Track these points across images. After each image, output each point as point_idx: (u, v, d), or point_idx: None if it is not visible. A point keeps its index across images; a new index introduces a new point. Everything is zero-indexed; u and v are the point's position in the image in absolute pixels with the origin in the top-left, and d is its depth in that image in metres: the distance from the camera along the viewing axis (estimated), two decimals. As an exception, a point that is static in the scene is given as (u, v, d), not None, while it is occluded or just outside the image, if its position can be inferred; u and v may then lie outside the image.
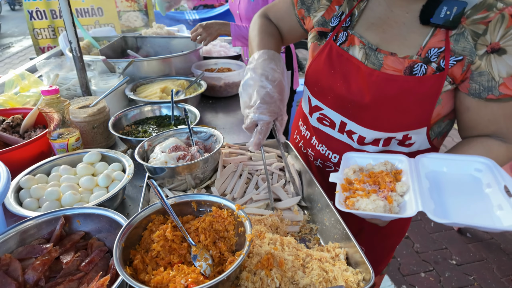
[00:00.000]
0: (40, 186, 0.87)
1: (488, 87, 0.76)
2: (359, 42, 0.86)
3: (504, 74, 0.73)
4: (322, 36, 0.96)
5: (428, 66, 0.78)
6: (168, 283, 0.57)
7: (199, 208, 0.76)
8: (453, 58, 0.76)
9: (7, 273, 0.66)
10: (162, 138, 1.04)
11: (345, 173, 0.78)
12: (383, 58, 0.83)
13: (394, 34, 0.82)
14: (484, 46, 0.73)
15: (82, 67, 1.35)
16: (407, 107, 0.81)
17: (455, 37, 0.75)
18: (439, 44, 0.77)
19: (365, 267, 0.67)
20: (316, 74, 0.96)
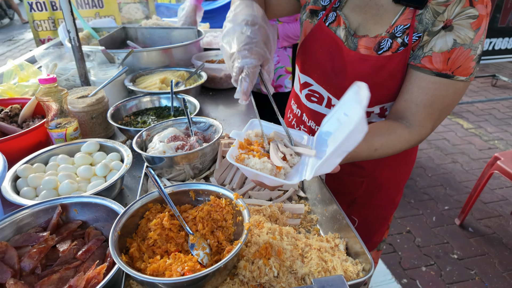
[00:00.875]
0: (37, 175, 0.87)
1: (415, 55, 0.81)
2: (343, 23, 0.90)
3: (437, 49, 0.77)
4: (313, 14, 0.98)
5: (394, 41, 0.83)
6: (164, 271, 0.56)
7: (197, 197, 0.75)
8: (415, 34, 0.81)
9: (3, 261, 0.65)
10: (160, 128, 1.03)
11: (247, 134, 0.78)
12: (358, 41, 0.88)
13: (373, 15, 0.87)
14: (441, 22, 0.76)
15: (81, 57, 1.34)
16: (381, 83, 0.86)
17: (420, 16, 0.79)
18: (405, 21, 0.81)
19: (365, 257, 0.67)
20: (307, 51, 1.00)
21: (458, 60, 0.76)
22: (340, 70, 0.92)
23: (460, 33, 0.75)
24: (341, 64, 0.91)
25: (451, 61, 0.77)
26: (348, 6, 0.91)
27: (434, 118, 0.84)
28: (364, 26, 0.88)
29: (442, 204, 2.66)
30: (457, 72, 0.78)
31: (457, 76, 0.78)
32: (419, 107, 0.82)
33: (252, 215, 0.78)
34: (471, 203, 2.32)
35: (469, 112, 4.20)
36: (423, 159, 3.25)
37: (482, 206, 2.62)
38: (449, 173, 3.04)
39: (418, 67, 0.81)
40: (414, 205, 2.65)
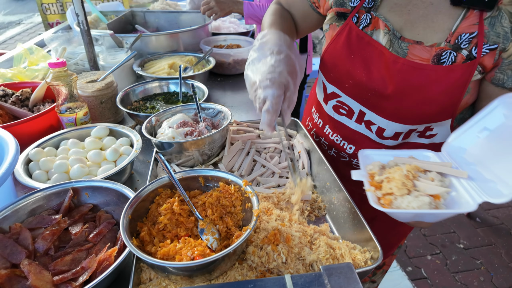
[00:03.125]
0: (49, 159, 0.88)
1: (501, 79, 0.67)
2: (384, 26, 0.78)
3: None
4: (341, 17, 0.86)
5: (458, 53, 0.70)
6: (174, 255, 0.57)
7: (207, 183, 0.75)
8: (486, 46, 0.67)
9: (18, 242, 0.67)
10: (169, 114, 1.03)
11: (368, 170, 0.68)
12: (408, 47, 0.75)
13: (420, 16, 0.74)
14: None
15: (89, 41, 1.33)
16: (433, 97, 0.74)
17: (490, 20, 0.65)
18: (471, 28, 0.67)
19: (373, 245, 0.66)
20: (333, 59, 0.89)
21: None
22: (380, 80, 0.80)
23: None
24: (383, 73, 0.79)
25: None
26: (385, 5, 0.79)
27: None
28: (410, 30, 0.75)
29: (450, 194, 2.64)
30: None
31: None
32: None
33: (260, 202, 0.79)
34: (480, 193, 2.29)
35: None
36: (432, 149, 3.21)
37: (491, 197, 2.59)
38: (458, 163, 3.00)
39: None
40: (422, 195, 2.64)
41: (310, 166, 0.96)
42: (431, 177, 0.63)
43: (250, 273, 0.62)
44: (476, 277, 1.97)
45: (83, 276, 0.63)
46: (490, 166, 0.60)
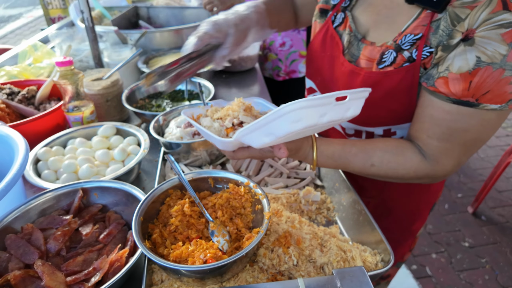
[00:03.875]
0: (57, 159, 0.88)
1: (428, 74, 0.65)
2: (348, 27, 0.77)
3: (455, 68, 0.59)
4: (323, 14, 0.87)
5: (399, 54, 0.67)
6: (187, 258, 0.57)
7: (216, 184, 0.75)
8: (427, 48, 0.64)
9: (30, 242, 0.67)
10: (177, 113, 1.02)
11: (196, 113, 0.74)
12: (363, 48, 0.74)
13: (386, 16, 0.72)
14: (460, 33, 0.58)
15: (94, 38, 1.32)
16: (377, 102, 0.71)
17: (437, 23, 0.62)
18: (418, 29, 0.65)
19: (383, 247, 0.66)
20: (311, 55, 0.90)
21: (484, 84, 0.58)
22: (336, 81, 0.82)
23: (487, 48, 0.56)
24: (337, 74, 0.80)
25: (475, 86, 0.58)
26: (360, 5, 0.78)
27: (455, 155, 0.67)
28: (375, 31, 0.74)
29: (455, 192, 2.63)
30: (484, 99, 0.59)
31: (484, 105, 0.59)
32: (432, 140, 0.67)
33: (270, 203, 0.78)
34: (485, 191, 2.29)
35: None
36: (436, 145, 3.19)
37: (497, 195, 2.58)
38: (463, 160, 2.99)
39: (431, 90, 0.64)
40: (426, 192, 2.63)
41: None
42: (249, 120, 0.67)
43: (261, 275, 0.62)
44: (481, 275, 1.97)
45: (95, 277, 0.63)
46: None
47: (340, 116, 0.58)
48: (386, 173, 0.72)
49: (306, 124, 0.54)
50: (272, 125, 0.55)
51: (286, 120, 0.53)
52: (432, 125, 0.66)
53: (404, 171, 0.70)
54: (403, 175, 0.71)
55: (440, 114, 0.64)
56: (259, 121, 0.55)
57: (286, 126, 0.53)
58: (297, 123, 0.53)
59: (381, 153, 0.70)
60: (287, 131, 0.54)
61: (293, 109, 0.52)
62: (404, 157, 0.70)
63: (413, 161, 0.70)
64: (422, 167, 0.69)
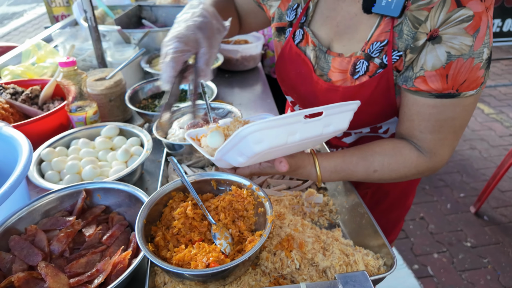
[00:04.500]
0: (61, 159, 0.88)
1: (405, 76, 0.68)
2: (311, 42, 0.78)
3: (429, 66, 0.63)
4: (281, 32, 0.86)
5: (370, 62, 0.70)
6: (189, 261, 0.57)
7: (219, 186, 0.75)
8: (395, 52, 0.67)
9: (34, 244, 0.68)
10: (179, 114, 1.02)
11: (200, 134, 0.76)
12: (331, 60, 0.76)
13: (347, 27, 0.73)
14: (424, 34, 0.62)
15: (97, 38, 1.32)
16: (360, 109, 0.70)
17: (400, 27, 0.65)
18: (382, 36, 0.67)
19: (386, 251, 0.66)
20: (281, 73, 0.90)
21: (460, 75, 0.62)
22: (313, 97, 0.83)
23: (454, 42, 0.60)
24: (313, 91, 0.81)
25: (452, 78, 0.63)
26: (316, 19, 0.78)
27: (448, 142, 0.71)
28: (339, 42, 0.75)
29: (457, 191, 2.62)
30: (462, 88, 0.64)
31: (464, 93, 0.64)
32: (425, 134, 0.70)
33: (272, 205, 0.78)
34: (488, 191, 2.28)
35: (491, 97, 4.04)
36: (439, 145, 3.17)
37: (499, 195, 2.57)
38: (466, 159, 2.97)
39: (412, 91, 0.68)
40: (429, 192, 2.63)
41: (321, 167, 0.95)
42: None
43: (263, 278, 0.62)
44: (482, 275, 1.97)
45: (98, 279, 0.63)
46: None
47: (318, 133, 0.59)
48: (389, 175, 0.74)
49: (271, 144, 0.55)
50: (240, 146, 0.57)
51: (248, 141, 0.54)
52: (421, 120, 0.70)
53: (406, 169, 0.73)
54: (405, 173, 0.74)
55: (427, 110, 0.68)
56: (227, 143, 0.58)
57: (251, 147, 0.55)
58: (260, 144, 0.54)
59: (381, 157, 0.73)
60: (254, 151, 0.55)
61: (250, 131, 0.53)
62: (403, 156, 0.73)
63: (412, 158, 0.73)
64: (421, 161, 0.73)
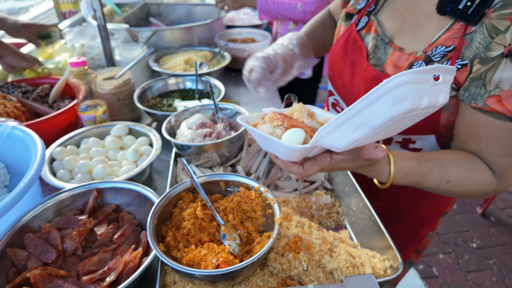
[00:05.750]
0: (72, 158, 0.90)
1: (474, 94, 0.63)
2: (374, 30, 0.77)
3: (507, 85, 0.58)
4: (348, 18, 0.87)
5: (428, 65, 0.66)
6: (199, 261, 0.59)
7: (227, 187, 0.76)
8: (459, 61, 0.63)
9: (47, 241, 0.70)
10: (188, 114, 1.03)
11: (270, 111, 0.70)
12: (390, 52, 0.73)
13: (413, 24, 0.71)
14: (502, 46, 0.57)
15: (106, 37, 1.33)
16: None
17: (472, 36, 0.61)
18: (450, 41, 0.64)
19: (392, 253, 0.67)
20: (333, 58, 0.91)
21: None
22: (357, 85, 0.81)
23: None
24: (358, 79, 0.80)
25: None
26: (385, 10, 0.77)
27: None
28: (401, 38, 0.73)
29: (463, 191, 2.61)
30: None
31: None
32: (495, 158, 0.66)
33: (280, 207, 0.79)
34: (495, 192, 2.26)
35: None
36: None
37: (507, 196, 2.55)
38: (472, 159, 2.95)
39: (485, 110, 0.62)
40: (434, 191, 2.62)
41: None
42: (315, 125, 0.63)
43: (271, 279, 0.63)
44: (488, 277, 1.97)
45: (110, 277, 0.65)
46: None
47: (434, 102, 0.48)
48: (459, 190, 0.69)
49: (410, 105, 0.43)
50: (366, 113, 0.46)
51: (387, 101, 0.43)
52: (491, 143, 0.65)
53: (477, 187, 0.68)
54: (475, 191, 0.69)
55: (499, 133, 0.63)
56: (346, 112, 0.47)
57: (387, 109, 0.44)
58: (400, 104, 0.43)
59: (457, 169, 0.68)
60: (389, 116, 0.44)
61: (398, 84, 0.42)
62: (478, 172, 0.67)
63: (485, 177, 0.68)
64: (493, 182, 0.68)
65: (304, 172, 0.62)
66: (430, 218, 1.00)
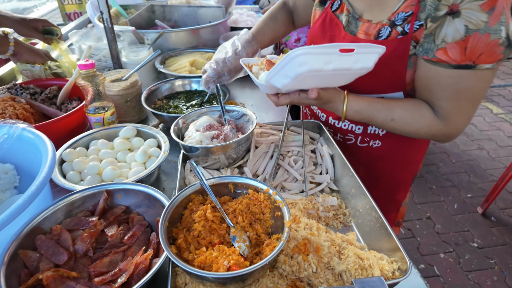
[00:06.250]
0: (81, 160, 0.91)
1: (426, 48, 0.77)
2: (346, 9, 0.92)
3: (450, 38, 0.72)
4: (322, 3, 1.02)
5: (393, 29, 0.81)
6: (211, 264, 0.60)
7: (236, 189, 0.77)
8: (417, 22, 0.77)
9: (59, 243, 0.71)
10: (195, 116, 1.04)
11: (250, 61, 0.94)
12: (360, 25, 0.89)
13: (379, 1, 0.85)
14: (446, 6, 0.71)
15: (113, 39, 1.34)
16: (376, 69, 0.82)
17: (425, 2, 0.75)
18: (408, 8, 0.78)
19: (400, 255, 0.68)
20: (312, 37, 1.04)
21: (477, 48, 0.70)
22: None
23: (471, 17, 0.68)
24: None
25: (469, 50, 0.71)
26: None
27: (463, 111, 0.79)
28: (369, 12, 0.88)
29: (465, 192, 2.62)
30: (479, 61, 0.71)
31: (480, 65, 0.72)
32: (442, 102, 0.80)
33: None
34: (496, 192, 2.27)
35: (500, 96, 4.00)
36: (447, 144, 3.16)
37: (507, 196, 2.56)
38: (474, 160, 2.96)
39: (434, 61, 0.76)
40: (436, 191, 2.63)
41: (334, 171, 0.97)
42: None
43: (281, 281, 0.64)
44: (489, 276, 1.98)
45: (122, 278, 0.66)
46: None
47: (348, 66, 0.72)
48: (403, 127, 0.85)
49: (311, 67, 0.67)
50: (286, 69, 0.70)
51: (294, 63, 0.67)
52: (439, 90, 0.79)
53: (419, 126, 0.84)
54: (418, 130, 0.84)
55: (445, 80, 0.77)
56: (277, 65, 0.71)
57: (295, 68, 0.68)
58: (303, 67, 0.67)
59: (401, 110, 0.84)
60: (297, 73, 0.68)
61: (298, 54, 0.66)
62: (420, 113, 0.83)
63: (427, 117, 0.83)
64: (435, 123, 0.82)
65: (278, 101, 0.86)
66: (404, 180, 1.14)
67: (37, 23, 1.38)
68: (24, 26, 1.35)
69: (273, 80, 0.76)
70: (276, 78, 0.75)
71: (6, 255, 0.65)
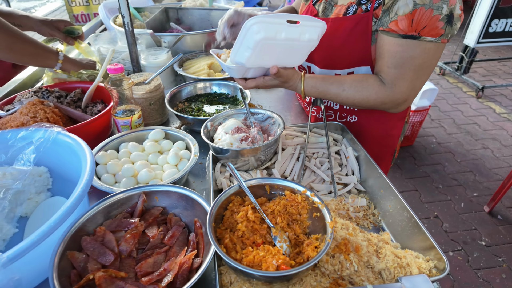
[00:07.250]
0: (114, 162, 0.93)
1: (383, 21, 0.89)
2: (324, 1, 1.06)
3: (401, 12, 0.84)
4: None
5: (359, 7, 0.94)
6: (259, 263, 0.62)
7: (272, 191, 0.79)
8: (377, 1, 0.89)
9: (103, 244, 0.72)
10: (222, 119, 1.06)
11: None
12: (334, 10, 1.01)
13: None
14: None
15: (133, 42, 1.36)
16: (343, 44, 0.97)
17: None
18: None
19: (435, 253, 0.70)
20: None
21: (421, 21, 0.82)
22: None
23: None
24: None
25: (415, 22, 0.83)
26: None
27: (408, 78, 0.90)
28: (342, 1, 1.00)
29: (471, 191, 2.66)
30: (423, 33, 0.83)
31: (424, 37, 0.84)
32: (390, 69, 0.90)
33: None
34: (503, 191, 2.31)
35: (502, 96, 4.05)
36: (452, 144, 3.20)
37: (513, 195, 2.60)
38: (479, 159, 3.00)
39: (386, 31, 0.88)
40: (442, 191, 2.67)
41: (359, 172, 0.99)
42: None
43: (323, 279, 0.66)
44: (498, 274, 2.02)
45: (167, 277, 0.68)
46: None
47: (296, 37, 0.84)
48: (354, 96, 0.95)
49: (265, 35, 0.77)
50: (245, 40, 0.80)
51: (251, 33, 0.78)
52: (389, 57, 0.90)
53: (367, 93, 0.94)
54: (367, 97, 0.94)
55: (394, 48, 0.88)
56: (237, 40, 0.81)
57: (252, 37, 0.78)
58: (258, 34, 0.77)
59: (351, 80, 0.96)
60: (254, 40, 0.78)
61: (252, 23, 0.77)
62: (368, 82, 0.94)
63: (374, 85, 0.94)
64: (382, 89, 0.93)
65: (246, 84, 0.96)
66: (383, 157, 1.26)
67: (59, 24, 1.39)
68: (47, 26, 1.36)
69: (237, 56, 0.84)
70: (240, 54, 0.83)
71: (56, 257, 0.66)
